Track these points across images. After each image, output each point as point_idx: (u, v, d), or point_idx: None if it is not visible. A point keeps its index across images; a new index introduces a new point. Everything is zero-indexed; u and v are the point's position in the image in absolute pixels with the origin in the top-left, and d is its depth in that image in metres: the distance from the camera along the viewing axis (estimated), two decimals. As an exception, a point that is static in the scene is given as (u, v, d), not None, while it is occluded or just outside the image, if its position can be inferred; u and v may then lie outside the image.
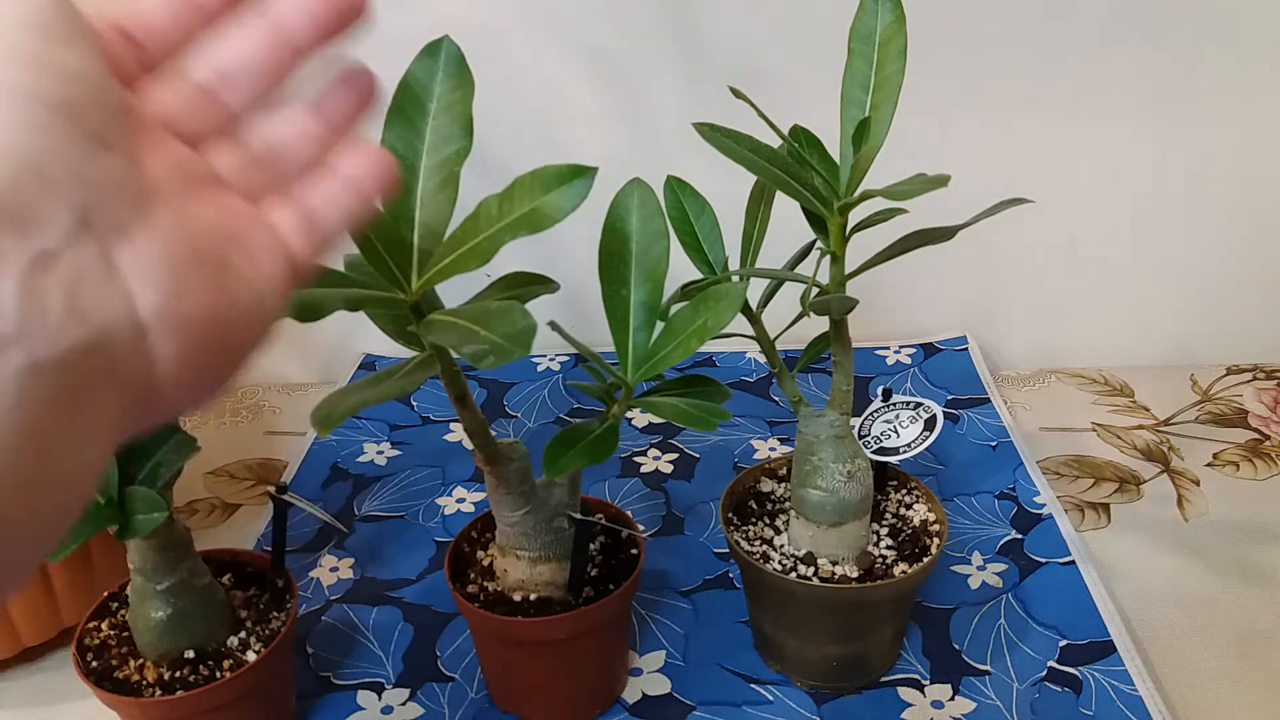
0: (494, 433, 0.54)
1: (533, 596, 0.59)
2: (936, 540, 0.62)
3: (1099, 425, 0.91)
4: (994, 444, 0.87)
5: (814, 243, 0.57)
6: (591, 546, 0.62)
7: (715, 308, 0.51)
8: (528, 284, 0.54)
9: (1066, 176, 0.94)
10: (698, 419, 0.51)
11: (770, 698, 0.64)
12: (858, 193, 0.52)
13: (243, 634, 0.59)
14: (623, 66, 0.91)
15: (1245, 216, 0.95)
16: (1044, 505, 0.79)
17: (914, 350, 1.02)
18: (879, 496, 0.66)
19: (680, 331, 0.52)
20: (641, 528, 0.70)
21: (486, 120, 0.49)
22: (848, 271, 0.55)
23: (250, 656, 0.57)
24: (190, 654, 0.57)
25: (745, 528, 0.65)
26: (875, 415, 0.67)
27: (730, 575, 0.74)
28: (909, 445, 0.64)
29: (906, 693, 0.64)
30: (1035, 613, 0.69)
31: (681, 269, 0.58)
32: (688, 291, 0.54)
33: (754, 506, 0.67)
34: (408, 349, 0.51)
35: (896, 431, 0.65)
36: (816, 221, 0.55)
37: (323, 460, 0.89)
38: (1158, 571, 0.73)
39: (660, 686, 0.65)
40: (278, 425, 0.96)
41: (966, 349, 1.01)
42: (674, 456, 0.88)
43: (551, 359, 1.03)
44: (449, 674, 0.66)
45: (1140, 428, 0.90)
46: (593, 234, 0.55)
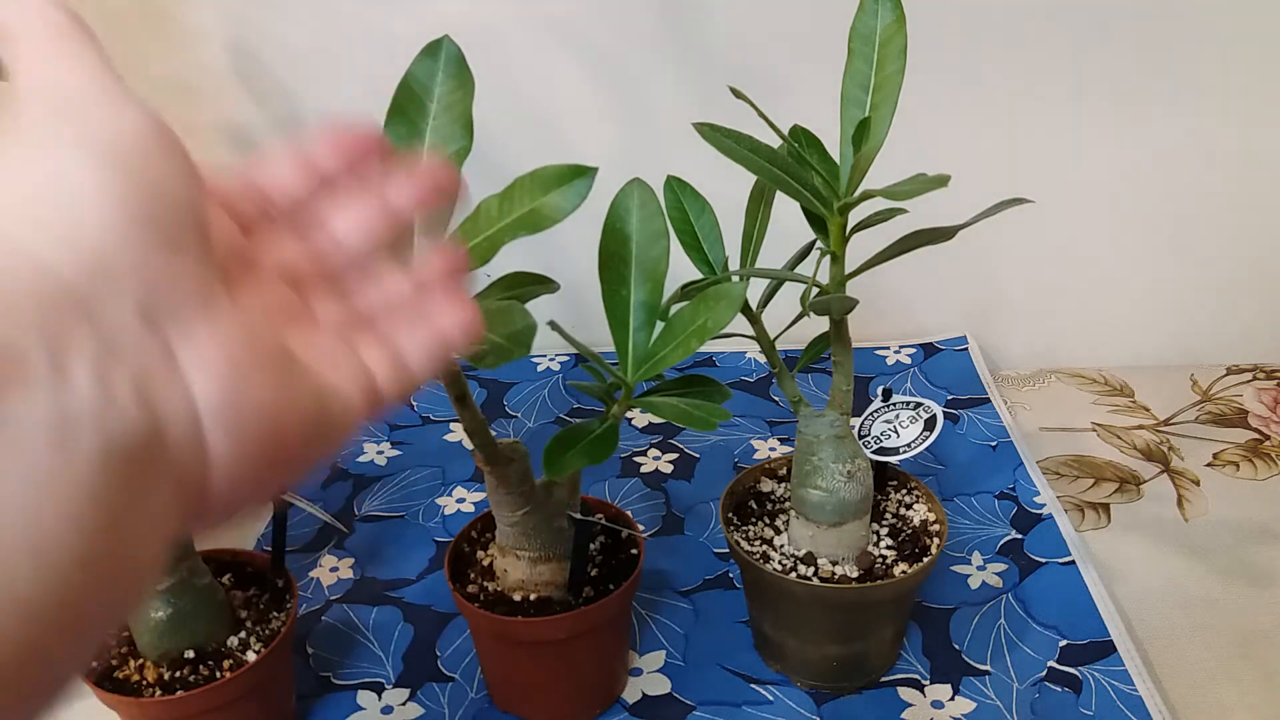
0: (494, 433, 0.54)
1: (533, 596, 0.59)
2: (936, 540, 0.62)
3: (1099, 425, 0.91)
4: (994, 444, 0.87)
5: (814, 243, 0.57)
6: (591, 546, 0.62)
7: (715, 308, 0.51)
8: (528, 284, 0.54)
9: (1066, 176, 0.94)
10: (698, 419, 0.51)
11: (770, 698, 0.64)
12: (858, 193, 0.52)
13: (243, 634, 0.59)
14: (623, 66, 0.91)
15: (1245, 217, 0.95)
16: (1044, 505, 0.79)
17: (914, 350, 1.02)
18: (879, 496, 0.66)
19: (680, 331, 0.52)
20: (641, 528, 0.70)
21: (486, 120, 0.49)
22: (848, 271, 0.55)
23: (250, 656, 0.57)
24: (190, 654, 0.57)
25: (745, 528, 0.65)
26: (875, 415, 0.67)
27: (730, 575, 0.74)
28: (909, 445, 0.64)
29: (906, 693, 0.64)
30: (1035, 613, 0.69)
31: (681, 269, 0.58)
32: (688, 291, 0.54)
33: (754, 506, 0.67)
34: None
35: (896, 431, 0.65)
36: (816, 221, 0.55)
37: (323, 460, 0.88)
38: (1158, 571, 0.73)
39: (660, 686, 0.65)
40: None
41: (966, 349, 1.01)
42: (674, 456, 0.88)
43: (551, 359, 1.03)
44: (449, 674, 0.66)
45: (1140, 428, 0.90)
46: (593, 234, 0.55)
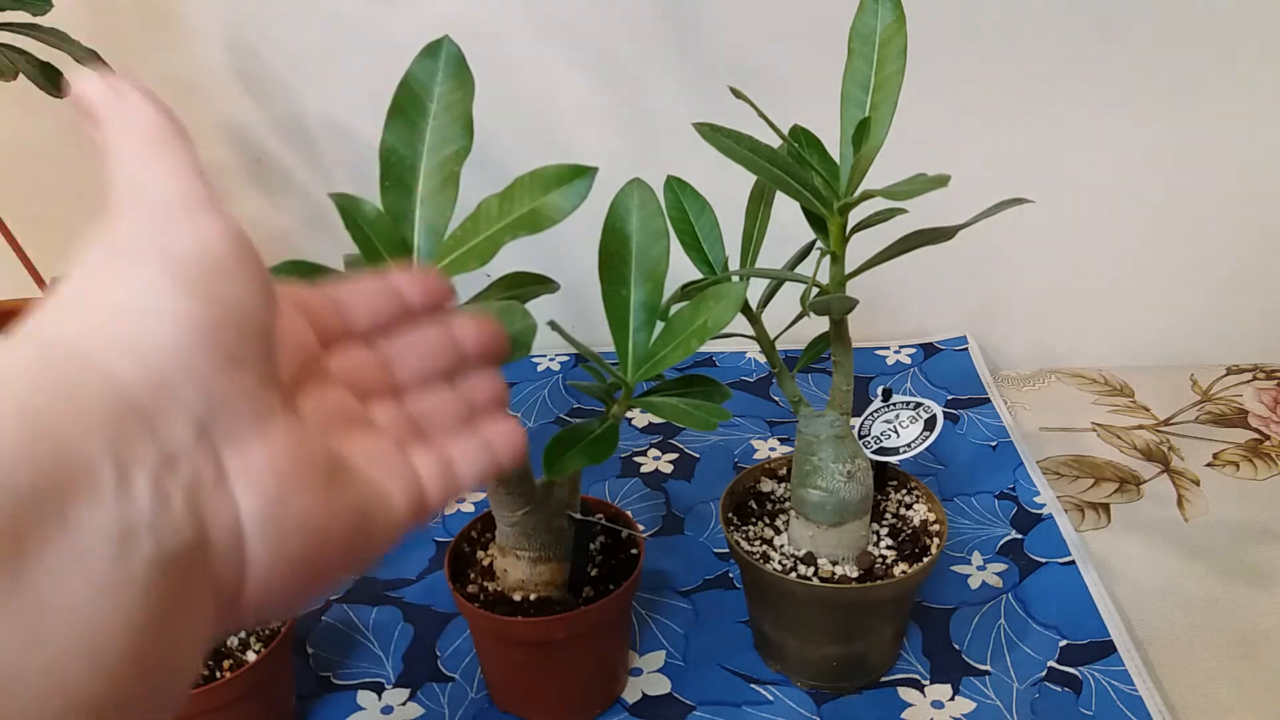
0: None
1: (533, 596, 0.59)
2: (936, 540, 0.62)
3: (1099, 425, 0.91)
4: (994, 444, 0.87)
5: (814, 243, 0.57)
6: (591, 546, 0.62)
7: (715, 308, 0.51)
8: (528, 284, 0.54)
9: (1066, 176, 0.94)
10: (698, 419, 0.51)
11: (770, 698, 0.64)
12: (858, 193, 0.52)
13: (243, 634, 0.59)
14: (623, 66, 0.91)
15: (1245, 216, 0.95)
16: (1044, 505, 0.79)
17: (914, 350, 1.02)
18: (879, 496, 0.66)
19: (680, 331, 0.52)
20: (641, 528, 0.70)
21: (486, 120, 0.49)
22: (848, 271, 0.55)
23: (250, 656, 0.57)
24: (190, 654, 0.57)
25: (745, 528, 0.65)
26: (875, 415, 0.67)
27: (730, 575, 0.74)
28: (909, 445, 0.64)
29: (906, 693, 0.64)
30: (1035, 613, 0.69)
31: (681, 269, 0.58)
32: (688, 291, 0.54)
33: (754, 506, 0.67)
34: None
35: (896, 431, 0.65)
36: (816, 221, 0.55)
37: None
38: (1158, 571, 0.73)
39: (660, 686, 0.65)
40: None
41: (966, 349, 1.01)
42: (674, 456, 0.88)
43: (551, 359, 1.03)
44: (449, 674, 0.66)
45: (1140, 428, 0.90)
46: (593, 234, 0.55)
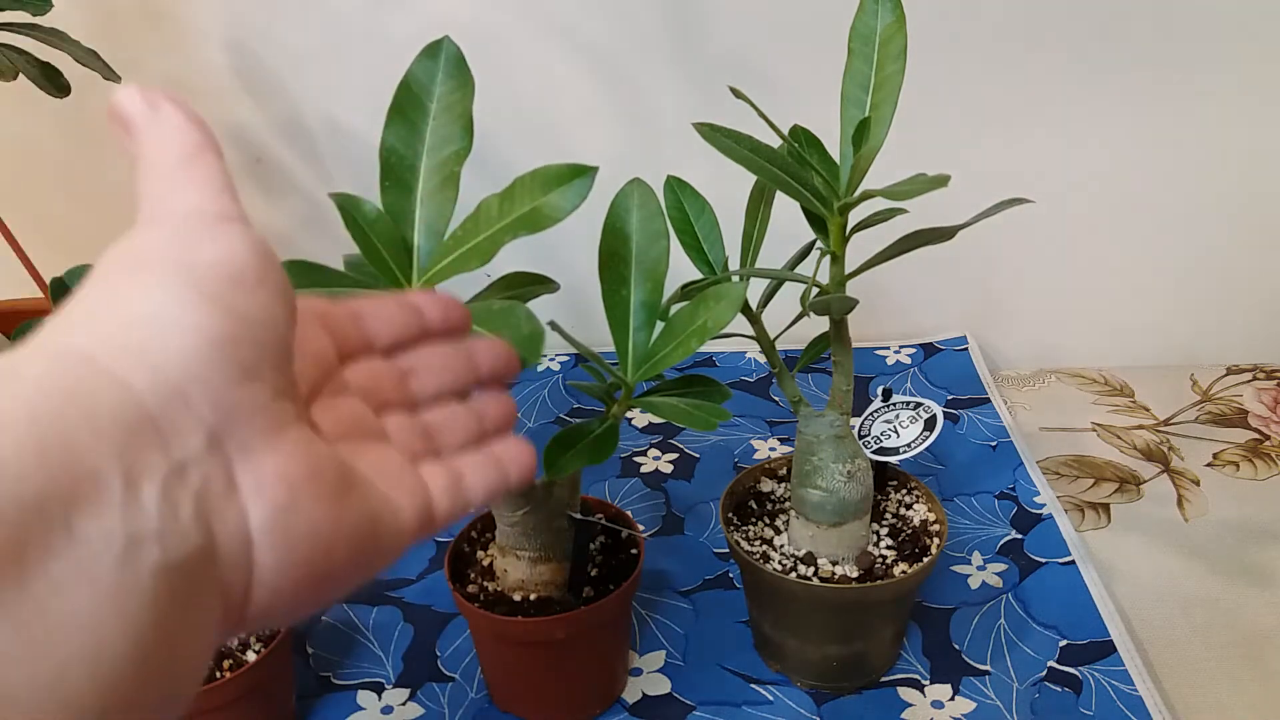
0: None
1: (533, 596, 0.59)
2: (936, 540, 0.62)
3: (1099, 425, 0.91)
4: (994, 444, 0.87)
5: (814, 243, 0.57)
6: (591, 546, 0.62)
7: (715, 308, 0.51)
8: (528, 284, 0.54)
9: (1066, 176, 0.94)
10: (698, 419, 0.51)
11: (770, 698, 0.64)
12: (858, 193, 0.52)
13: (242, 634, 0.59)
14: (623, 66, 0.91)
15: (1245, 216, 0.95)
16: (1044, 505, 0.79)
17: (914, 350, 1.02)
18: (879, 496, 0.66)
19: (680, 331, 0.52)
20: (641, 528, 0.70)
21: (486, 120, 0.49)
22: (848, 271, 0.55)
23: (250, 656, 0.57)
24: (190, 654, 0.57)
25: (745, 528, 0.65)
26: (875, 415, 0.67)
27: (730, 575, 0.74)
28: (909, 445, 0.64)
29: (906, 693, 0.64)
30: (1035, 613, 0.69)
31: (681, 269, 0.58)
32: (688, 291, 0.54)
33: (754, 506, 0.67)
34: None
35: (896, 431, 0.65)
36: (816, 221, 0.55)
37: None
38: (1158, 571, 0.73)
39: (660, 686, 0.65)
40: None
41: (966, 349, 1.01)
42: (674, 456, 0.88)
43: (551, 359, 1.03)
44: (449, 674, 0.66)
45: (1140, 428, 0.90)
46: (593, 234, 0.55)
